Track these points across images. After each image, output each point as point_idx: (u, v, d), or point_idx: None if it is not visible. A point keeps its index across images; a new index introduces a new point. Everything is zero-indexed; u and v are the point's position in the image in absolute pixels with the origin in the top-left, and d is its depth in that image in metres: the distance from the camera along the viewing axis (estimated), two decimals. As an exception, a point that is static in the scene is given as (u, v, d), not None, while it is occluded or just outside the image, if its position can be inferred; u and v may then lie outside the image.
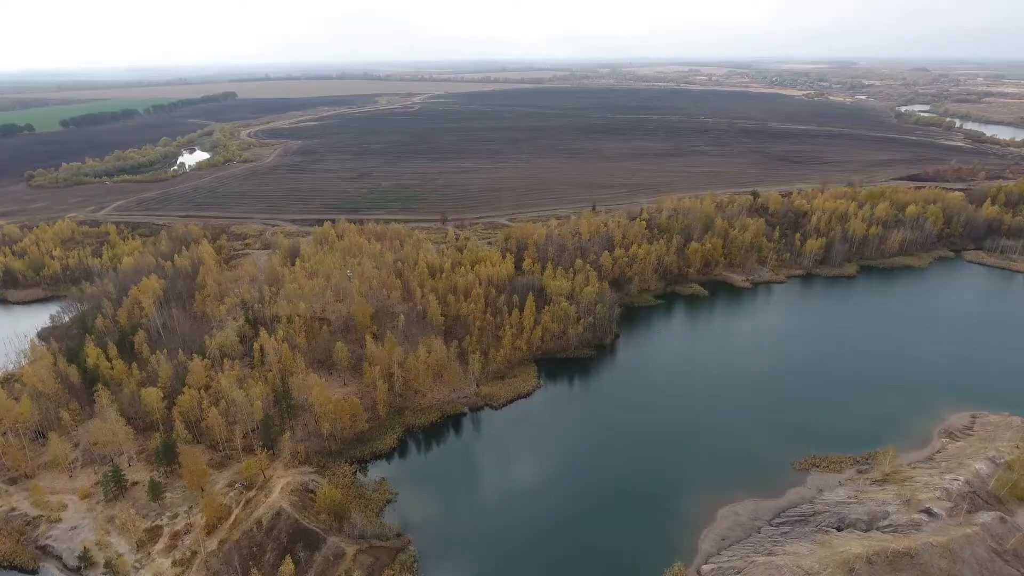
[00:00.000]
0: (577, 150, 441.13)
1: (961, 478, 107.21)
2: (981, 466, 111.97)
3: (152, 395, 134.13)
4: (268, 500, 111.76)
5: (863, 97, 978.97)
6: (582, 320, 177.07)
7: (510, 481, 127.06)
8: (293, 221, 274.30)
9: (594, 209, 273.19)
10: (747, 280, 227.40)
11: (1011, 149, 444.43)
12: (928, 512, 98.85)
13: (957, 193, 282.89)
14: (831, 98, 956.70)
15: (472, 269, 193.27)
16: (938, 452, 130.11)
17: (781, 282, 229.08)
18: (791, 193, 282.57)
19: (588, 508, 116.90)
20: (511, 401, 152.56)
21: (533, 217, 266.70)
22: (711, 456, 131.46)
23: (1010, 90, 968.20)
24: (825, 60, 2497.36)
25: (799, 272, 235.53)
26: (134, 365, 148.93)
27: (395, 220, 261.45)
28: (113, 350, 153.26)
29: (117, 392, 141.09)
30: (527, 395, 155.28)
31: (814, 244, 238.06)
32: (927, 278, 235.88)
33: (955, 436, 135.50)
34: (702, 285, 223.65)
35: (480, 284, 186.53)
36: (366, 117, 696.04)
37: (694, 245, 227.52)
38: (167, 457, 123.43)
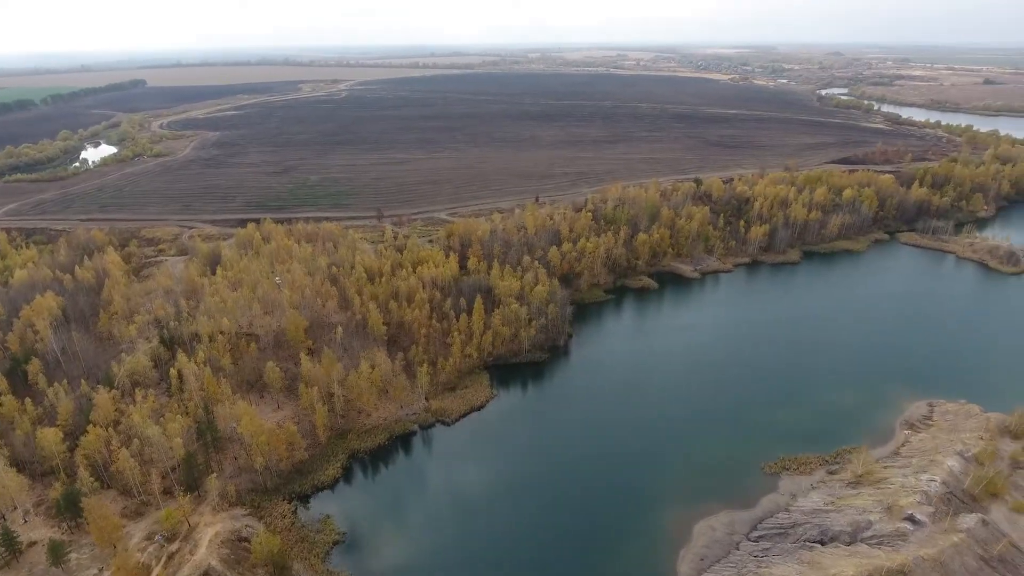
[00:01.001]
0: (513, 138, 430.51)
1: (937, 478, 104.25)
2: (953, 463, 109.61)
3: (50, 436, 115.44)
4: (194, 557, 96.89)
5: (784, 81, 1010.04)
6: (534, 322, 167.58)
7: (467, 507, 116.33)
8: (213, 222, 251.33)
9: (537, 201, 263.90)
10: (695, 270, 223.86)
11: (927, 131, 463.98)
12: (912, 520, 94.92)
13: (888, 176, 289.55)
14: (755, 82, 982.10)
15: (414, 271, 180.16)
16: (903, 446, 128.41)
17: (728, 271, 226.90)
18: (732, 179, 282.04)
19: (554, 534, 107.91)
20: (464, 415, 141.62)
21: (474, 211, 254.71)
22: (678, 464, 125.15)
23: (917, 73, 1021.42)
24: (746, 45, 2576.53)
25: (745, 260, 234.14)
26: (28, 400, 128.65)
27: (326, 218, 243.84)
28: (2, 382, 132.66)
29: (7, 434, 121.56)
30: (481, 407, 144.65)
31: (758, 231, 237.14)
32: (866, 262, 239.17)
33: (917, 427, 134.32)
34: (651, 277, 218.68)
35: (424, 287, 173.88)
36: (289, 105, 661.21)
37: (642, 236, 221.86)
38: (70, 510, 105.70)
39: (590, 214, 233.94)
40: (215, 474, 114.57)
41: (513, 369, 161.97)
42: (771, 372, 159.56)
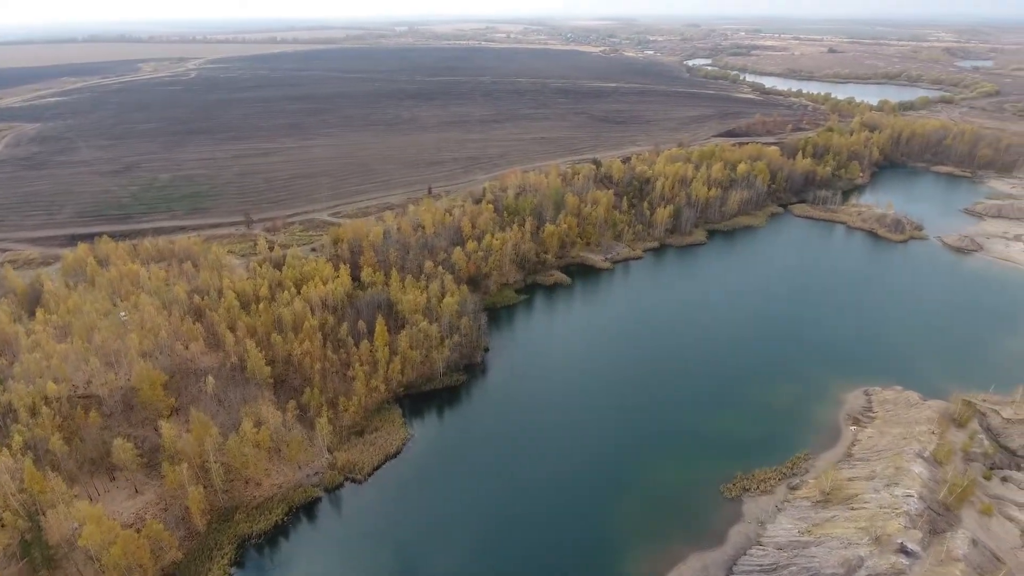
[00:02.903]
0: (393, 120, 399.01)
1: (912, 492, 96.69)
2: (920, 469, 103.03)
3: None
4: None
5: (651, 52, 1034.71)
6: (447, 340, 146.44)
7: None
8: (33, 241, 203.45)
9: (430, 193, 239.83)
10: (606, 260, 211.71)
11: (793, 99, 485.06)
12: (905, 551, 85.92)
13: (774, 148, 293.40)
14: (625, 54, 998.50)
15: (299, 292, 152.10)
16: (853, 445, 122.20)
17: (639, 258, 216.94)
18: (630, 158, 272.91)
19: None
20: (378, 467, 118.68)
21: (361, 209, 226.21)
22: (630, 498, 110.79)
23: (770, 44, 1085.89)
24: (610, 17, 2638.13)
25: (653, 244, 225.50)
26: None
27: (182, 228, 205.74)
28: None
29: None
30: (396, 453, 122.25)
31: (663, 212, 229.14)
32: (767, 237, 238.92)
33: (861, 422, 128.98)
34: (562, 270, 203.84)
35: (312, 311, 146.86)
36: (128, 88, 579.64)
37: (550, 228, 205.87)
38: None
39: (491, 206, 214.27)
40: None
41: (428, 399, 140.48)
42: (699, 370, 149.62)
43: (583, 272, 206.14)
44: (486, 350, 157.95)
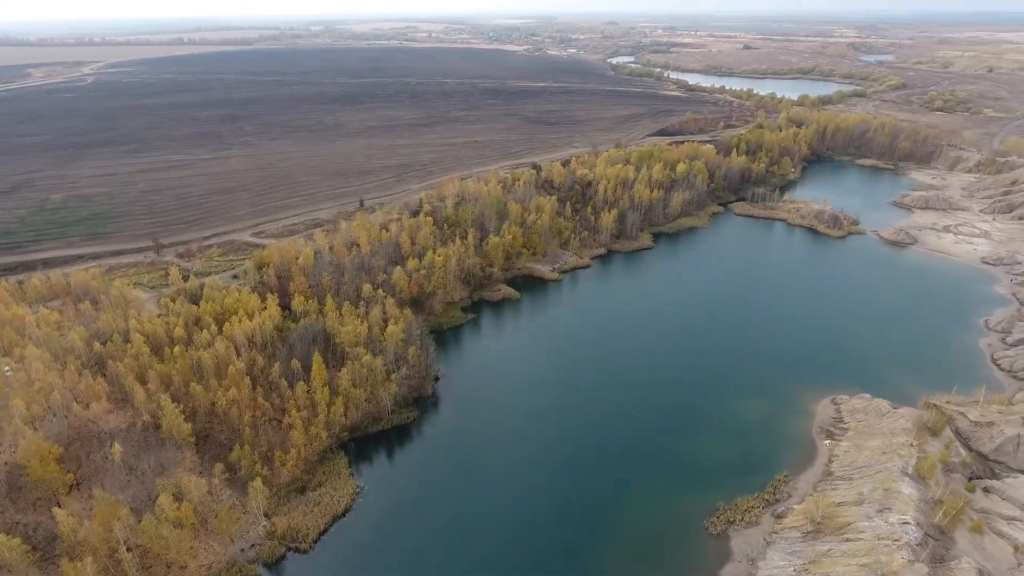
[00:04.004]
0: (315, 126, 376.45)
1: (909, 519, 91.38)
2: (909, 490, 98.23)
3: None
4: None
5: (574, 51, 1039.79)
6: (394, 375, 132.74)
7: None
8: None
9: (363, 206, 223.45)
10: (554, 270, 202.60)
11: (718, 96, 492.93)
12: (914, 593, 79.60)
13: (709, 146, 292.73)
14: (549, 52, 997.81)
15: (221, 330, 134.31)
16: (831, 462, 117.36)
17: (587, 266, 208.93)
18: (569, 161, 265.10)
19: None
20: (325, 530, 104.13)
21: (287, 227, 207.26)
22: (604, 540, 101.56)
23: (687, 41, 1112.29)
24: (529, 15, 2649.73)
25: (600, 251, 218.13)
26: None
27: (79, 257, 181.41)
28: None
29: None
30: (345, 512, 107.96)
31: (608, 217, 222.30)
32: (711, 238, 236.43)
33: (834, 435, 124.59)
34: (509, 284, 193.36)
35: (238, 352, 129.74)
36: (14, 97, 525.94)
37: (494, 239, 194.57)
38: None
39: (430, 218, 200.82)
40: None
41: (376, 442, 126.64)
42: (660, 387, 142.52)
43: (531, 284, 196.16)
44: (436, 379, 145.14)
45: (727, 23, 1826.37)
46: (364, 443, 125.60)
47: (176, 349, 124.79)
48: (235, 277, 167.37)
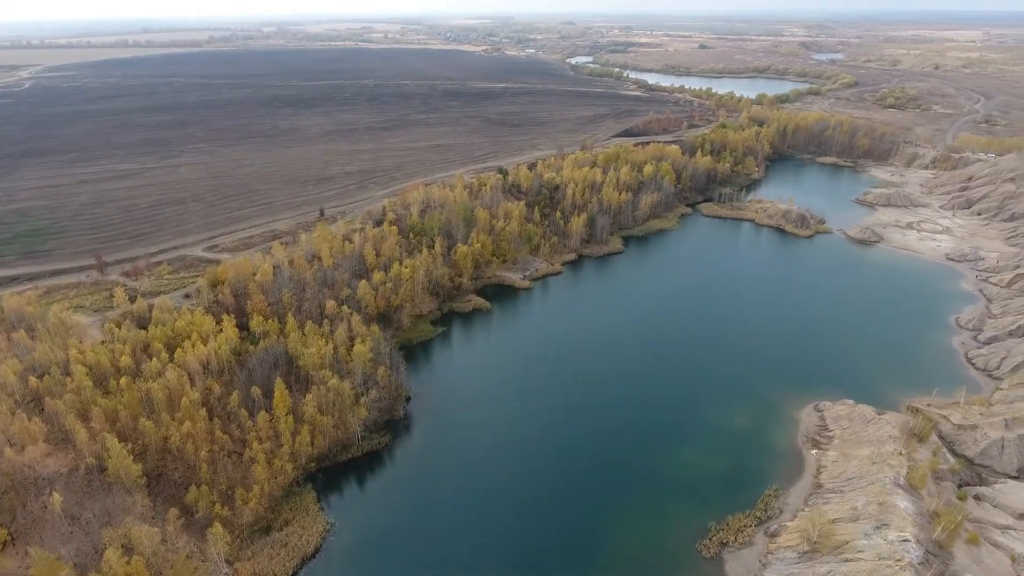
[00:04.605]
0: (271, 131, 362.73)
1: (908, 536, 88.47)
2: (905, 504, 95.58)
3: None
4: None
5: (533, 51, 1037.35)
6: (363, 398, 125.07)
7: None
8: None
9: (323, 215, 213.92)
10: (525, 278, 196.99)
11: (678, 95, 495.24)
12: (922, 619, 76.30)
13: (674, 147, 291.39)
14: (507, 52, 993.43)
15: (172, 357, 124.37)
16: (819, 473, 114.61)
17: (558, 273, 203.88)
18: (536, 165, 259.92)
19: None
20: (294, 575, 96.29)
21: (243, 240, 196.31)
22: (595, 569, 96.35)
23: (644, 40, 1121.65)
24: (486, 15, 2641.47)
25: (571, 256, 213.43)
26: None
27: (13, 279, 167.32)
28: None
29: None
30: (315, 552, 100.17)
31: (578, 221, 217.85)
32: (681, 240, 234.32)
33: (820, 444, 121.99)
34: (480, 294, 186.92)
35: (192, 381, 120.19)
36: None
37: (462, 248, 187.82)
38: None
39: (395, 227, 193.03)
40: None
41: (346, 471, 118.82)
42: (640, 398, 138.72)
43: (502, 294, 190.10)
44: (408, 399, 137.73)
45: (681, 23, 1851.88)
46: (333, 473, 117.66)
47: (122, 381, 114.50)
48: (187, 297, 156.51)
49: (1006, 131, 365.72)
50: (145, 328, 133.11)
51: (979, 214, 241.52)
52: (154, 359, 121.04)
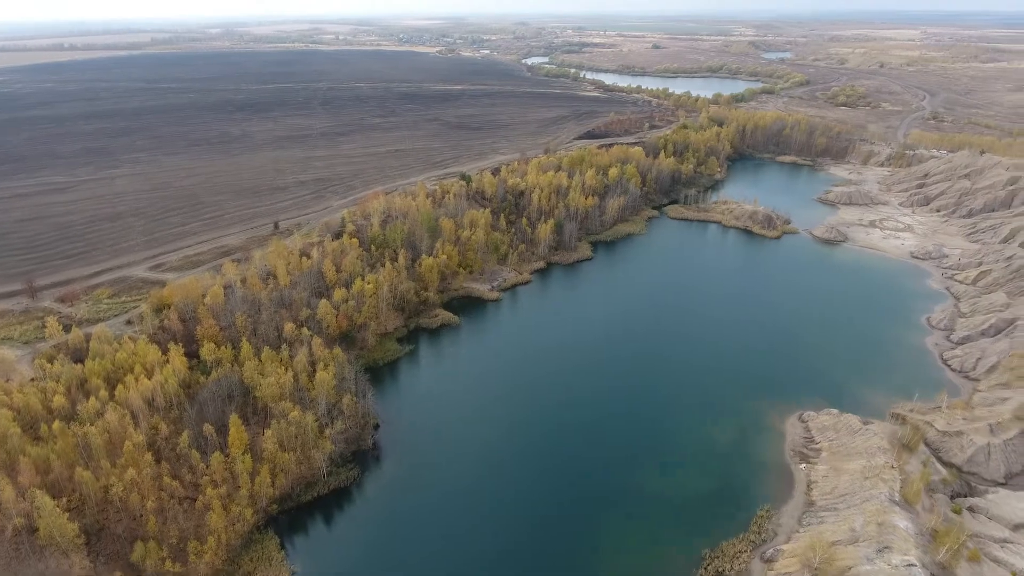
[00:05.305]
0: (219, 138, 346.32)
1: (912, 559, 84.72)
2: (904, 523, 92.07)
3: None
4: None
5: (488, 52, 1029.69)
6: (328, 430, 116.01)
7: None
8: None
9: (278, 228, 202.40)
10: (493, 289, 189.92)
11: (636, 95, 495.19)
12: (938, 655, 72.13)
13: (638, 148, 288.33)
14: (462, 54, 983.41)
15: (113, 394, 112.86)
16: (810, 489, 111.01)
17: (527, 282, 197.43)
18: (499, 170, 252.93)
19: None
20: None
21: (189, 258, 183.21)
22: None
23: (598, 40, 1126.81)
24: (439, 16, 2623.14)
25: (539, 264, 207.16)
26: None
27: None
28: None
29: None
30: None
31: (545, 228, 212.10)
32: (650, 244, 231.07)
33: (808, 457, 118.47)
34: (447, 307, 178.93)
35: (136, 421, 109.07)
36: None
37: (427, 260, 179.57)
38: None
39: (355, 239, 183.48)
40: None
41: (312, 512, 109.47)
42: (621, 413, 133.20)
43: (470, 306, 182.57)
44: (376, 427, 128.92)
45: (633, 23, 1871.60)
46: (297, 515, 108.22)
47: (56, 425, 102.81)
48: (129, 323, 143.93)
49: (952, 127, 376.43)
50: (82, 362, 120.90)
51: (938, 211, 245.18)
52: (92, 398, 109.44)
